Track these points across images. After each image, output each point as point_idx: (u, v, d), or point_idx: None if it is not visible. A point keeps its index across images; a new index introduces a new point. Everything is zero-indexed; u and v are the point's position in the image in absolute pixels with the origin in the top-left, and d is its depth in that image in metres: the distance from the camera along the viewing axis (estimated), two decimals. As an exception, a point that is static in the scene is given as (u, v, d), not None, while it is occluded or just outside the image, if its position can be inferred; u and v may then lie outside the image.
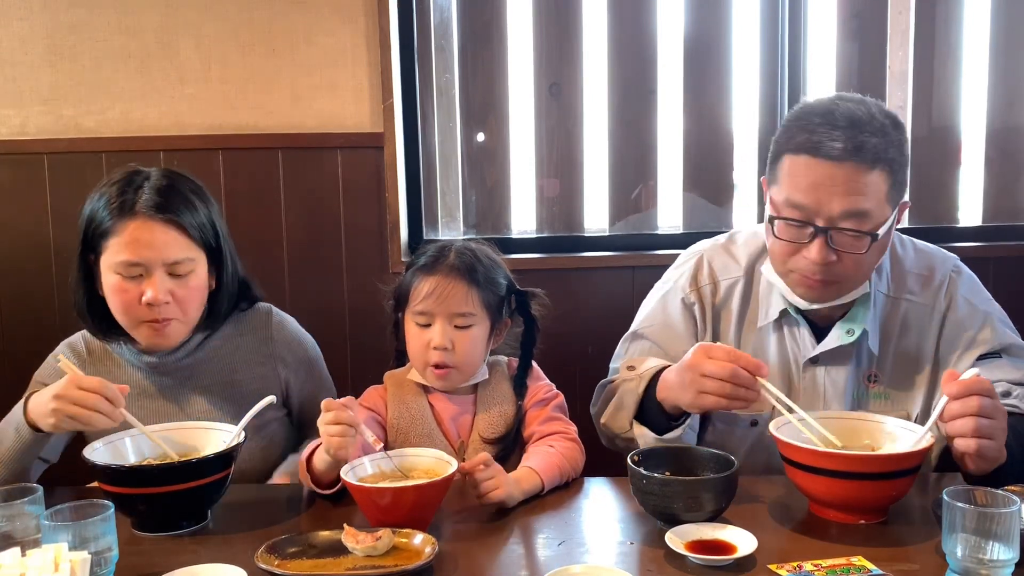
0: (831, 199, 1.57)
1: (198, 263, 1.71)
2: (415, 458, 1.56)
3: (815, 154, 1.57)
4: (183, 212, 1.69)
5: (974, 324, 1.74)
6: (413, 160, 2.77)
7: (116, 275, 1.66)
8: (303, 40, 2.59)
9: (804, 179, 1.59)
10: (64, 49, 2.58)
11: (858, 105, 1.61)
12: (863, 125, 1.57)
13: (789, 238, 1.63)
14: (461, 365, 1.70)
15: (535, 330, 1.79)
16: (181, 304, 1.69)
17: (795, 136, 1.61)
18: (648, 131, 2.81)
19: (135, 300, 1.66)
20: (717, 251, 1.88)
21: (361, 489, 1.44)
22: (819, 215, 1.59)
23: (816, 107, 1.63)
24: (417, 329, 1.70)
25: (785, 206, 1.62)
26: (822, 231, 1.59)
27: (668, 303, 1.85)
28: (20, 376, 1.82)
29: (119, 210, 1.65)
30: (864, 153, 1.56)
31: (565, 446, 1.68)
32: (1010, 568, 1.21)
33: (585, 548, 1.40)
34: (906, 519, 1.45)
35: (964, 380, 1.40)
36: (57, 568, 1.17)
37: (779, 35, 2.76)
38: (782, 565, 1.29)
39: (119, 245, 1.65)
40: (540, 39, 2.78)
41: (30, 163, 2.60)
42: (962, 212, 2.87)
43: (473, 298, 1.68)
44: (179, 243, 1.68)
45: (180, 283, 1.68)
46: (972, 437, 1.38)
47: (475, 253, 1.73)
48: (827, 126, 1.58)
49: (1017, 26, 2.77)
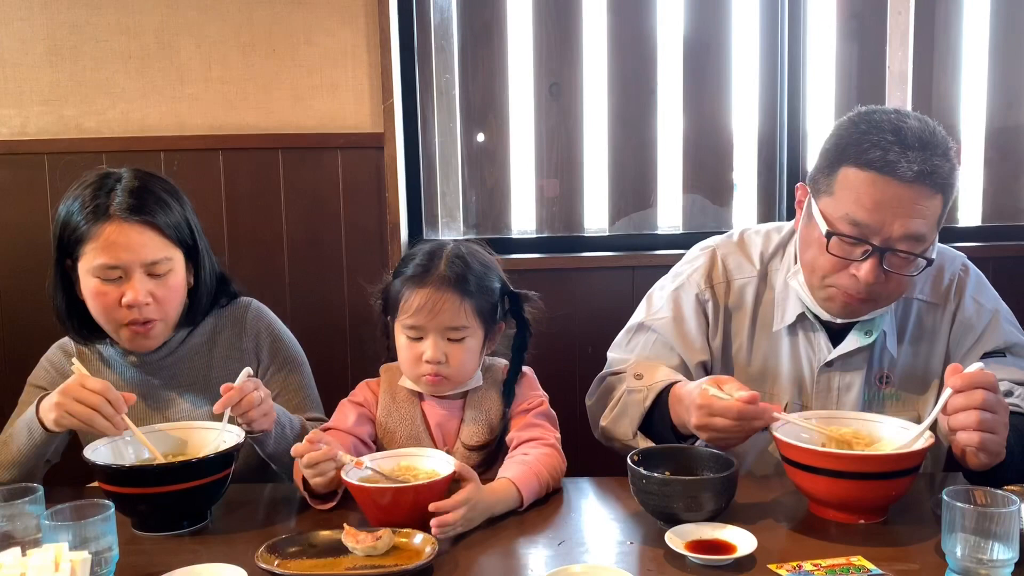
0: (894, 220, 1.54)
1: (176, 262, 1.72)
2: (415, 458, 1.56)
3: (888, 173, 1.53)
4: (158, 212, 1.69)
5: (981, 323, 1.74)
6: (413, 160, 2.77)
7: (95, 279, 1.66)
8: (303, 40, 2.59)
9: (869, 197, 1.54)
10: (64, 49, 2.58)
11: (922, 125, 1.57)
12: (933, 147, 1.54)
13: (841, 254, 1.59)
14: (455, 375, 1.66)
15: (527, 334, 1.73)
16: (162, 304, 1.70)
17: (866, 151, 1.55)
18: (648, 131, 2.81)
19: (115, 303, 1.66)
20: (731, 249, 1.85)
21: (362, 489, 1.44)
22: (878, 235, 1.55)
23: (884, 123, 1.57)
24: (408, 341, 1.65)
25: (843, 222, 1.58)
26: (878, 251, 1.56)
27: (681, 297, 1.82)
28: (20, 376, 1.82)
29: (93, 214, 1.65)
30: (935, 178, 1.53)
31: (543, 452, 1.61)
32: (1010, 568, 1.21)
33: (585, 548, 1.40)
34: (906, 519, 1.45)
35: (968, 373, 1.40)
36: (57, 568, 1.17)
37: (779, 35, 2.76)
38: (782, 565, 1.29)
39: (96, 249, 1.65)
40: (540, 39, 2.78)
41: (30, 163, 2.59)
42: (962, 212, 2.87)
43: (467, 310, 1.63)
44: (156, 243, 1.68)
45: (159, 283, 1.69)
46: (975, 430, 1.38)
47: (466, 260, 1.66)
48: (900, 145, 1.53)
49: (1017, 26, 2.77)
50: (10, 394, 1.80)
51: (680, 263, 1.91)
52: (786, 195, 2.81)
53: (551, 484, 1.60)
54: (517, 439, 1.66)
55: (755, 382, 1.76)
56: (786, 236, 1.84)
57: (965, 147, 2.84)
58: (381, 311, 1.75)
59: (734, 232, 1.90)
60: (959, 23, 2.78)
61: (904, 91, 2.80)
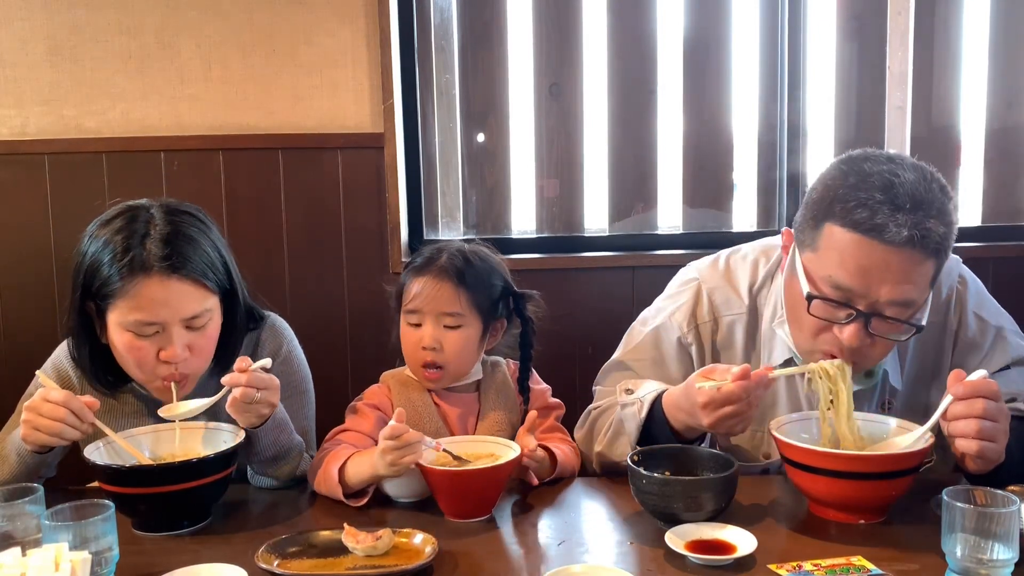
0: (880, 285, 1.45)
1: (214, 311, 1.63)
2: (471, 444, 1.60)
3: (875, 236, 1.42)
4: (195, 261, 1.58)
5: (986, 341, 1.69)
6: (413, 160, 2.77)
7: (128, 333, 1.57)
8: (303, 40, 2.59)
9: (854, 261, 1.45)
10: (64, 49, 2.58)
11: (918, 178, 1.45)
12: (927, 207, 1.43)
13: (823, 316, 1.51)
14: (450, 365, 1.70)
15: (530, 332, 1.78)
16: (199, 354, 1.62)
17: (852, 210, 1.44)
18: (648, 131, 2.81)
19: (151, 357, 1.58)
20: (717, 282, 1.76)
21: (440, 473, 1.49)
22: (863, 299, 1.47)
23: (874, 176, 1.46)
24: (409, 328, 1.72)
25: (825, 283, 1.49)
26: (863, 316, 1.48)
27: (661, 339, 1.76)
28: (20, 376, 1.81)
29: (129, 269, 1.54)
30: (927, 242, 1.42)
31: (571, 448, 1.74)
32: (1010, 568, 1.21)
33: (585, 548, 1.40)
34: (906, 519, 1.45)
35: (971, 381, 1.39)
36: (57, 568, 1.17)
37: (779, 35, 2.76)
38: (782, 565, 1.29)
39: (131, 306, 1.55)
40: (540, 39, 2.78)
41: (30, 163, 2.59)
42: (961, 212, 2.87)
43: (462, 299, 1.69)
44: (195, 296, 1.58)
45: (198, 335, 1.61)
46: (974, 439, 1.38)
47: (467, 255, 1.73)
48: (891, 206, 1.42)
49: (1016, 26, 2.77)
50: (10, 394, 1.79)
51: (664, 294, 1.84)
52: (786, 195, 2.81)
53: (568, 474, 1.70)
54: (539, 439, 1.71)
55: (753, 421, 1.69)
56: (773, 266, 1.75)
57: (965, 147, 2.84)
58: (395, 311, 1.78)
59: (719, 258, 1.82)
60: (959, 23, 2.78)
61: (904, 91, 2.80)
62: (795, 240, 1.58)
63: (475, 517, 1.50)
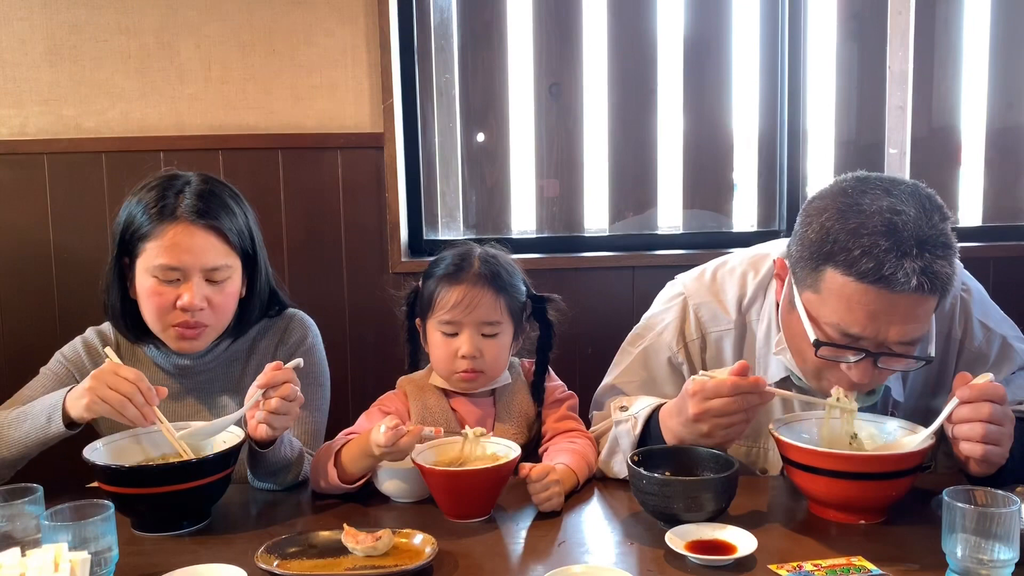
0: (889, 328, 1.43)
1: (234, 270, 1.71)
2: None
3: (884, 286, 1.39)
4: (223, 218, 1.68)
5: (992, 351, 1.68)
6: (413, 160, 2.77)
7: (152, 278, 1.65)
8: (303, 40, 2.59)
9: (863, 309, 1.41)
10: (64, 49, 2.58)
11: (919, 210, 1.41)
12: (932, 245, 1.39)
13: (832, 357, 1.48)
14: (489, 370, 1.71)
15: (552, 335, 1.78)
16: (216, 310, 1.69)
17: (857, 260, 1.39)
18: (648, 131, 2.81)
19: (170, 304, 1.65)
20: (704, 296, 1.74)
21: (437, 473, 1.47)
22: (872, 341, 1.44)
23: (876, 220, 1.40)
24: (443, 338, 1.70)
25: (833, 329, 1.46)
26: (872, 355, 1.46)
27: (651, 359, 1.75)
28: (20, 375, 1.81)
29: (159, 214, 1.65)
30: (935, 284, 1.39)
31: (586, 443, 1.70)
32: (1010, 568, 1.21)
33: (585, 548, 1.40)
34: (906, 519, 1.45)
35: (977, 385, 1.39)
36: (57, 568, 1.17)
37: (779, 35, 2.76)
38: (782, 565, 1.29)
39: (158, 249, 1.64)
40: (540, 39, 2.78)
41: (30, 163, 2.59)
42: (962, 212, 2.87)
43: (501, 306, 1.69)
44: (218, 249, 1.68)
45: (216, 289, 1.68)
46: (979, 442, 1.38)
47: (497, 259, 1.72)
48: (897, 253, 1.38)
49: (1017, 27, 2.77)
50: (10, 393, 1.79)
51: (651, 310, 1.82)
52: (786, 196, 2.81)
53: (592, 471, 1.67)
54: (553, 430, 1.73)
55: (747, 438, 1.71)
56: (764, 279, 1.72)
57: (965, 147, 2.84)
58: (407, 316, 1.78)
59: (706, 270, 1.80)
60: (959, 23, 2.78)
61: (904, 91, 2.80)
62: (791, 274, 1.54)
63: (475, 517, 1.49)
